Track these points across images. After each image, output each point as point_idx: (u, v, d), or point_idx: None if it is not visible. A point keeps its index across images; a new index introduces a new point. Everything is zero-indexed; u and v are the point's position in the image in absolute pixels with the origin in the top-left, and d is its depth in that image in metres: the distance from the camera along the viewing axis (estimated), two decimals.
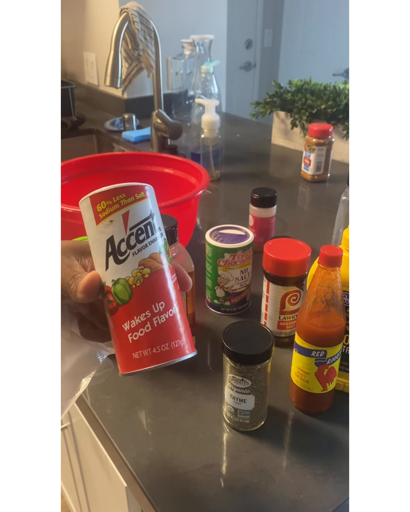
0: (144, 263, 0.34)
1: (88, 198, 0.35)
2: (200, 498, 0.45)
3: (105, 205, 0.34)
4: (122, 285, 0.34)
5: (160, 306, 0.34)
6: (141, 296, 0.34)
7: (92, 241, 0.35)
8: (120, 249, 0.34)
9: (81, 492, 1.02)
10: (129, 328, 0.34)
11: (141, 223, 0.34)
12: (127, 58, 1.27)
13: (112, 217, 0.34)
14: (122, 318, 0.34)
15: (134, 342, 0.34)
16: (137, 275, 0.34)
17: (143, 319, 0.34)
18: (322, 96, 1.26)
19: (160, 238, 0.35)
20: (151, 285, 0.34)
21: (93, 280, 0.35)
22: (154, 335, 0.34)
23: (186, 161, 0.88)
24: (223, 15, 1.80)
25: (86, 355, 0.41)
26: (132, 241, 0.34)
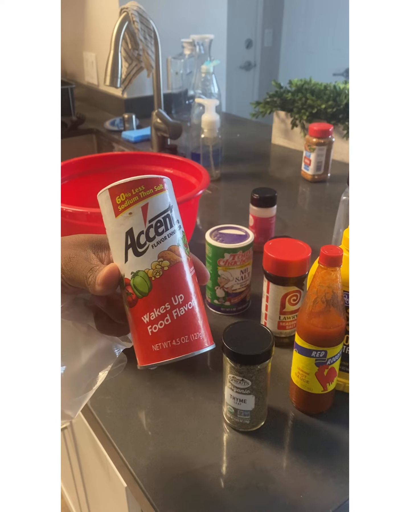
0: (164, 256, 0.34)
1: (107, 190, 0.35)
2: (200, 498, 0.45)
3: (125, 197, 0.34)
4: (141, 277, 0.34)
5: (180, 299, 0.34)
6: (161, 289, 0.34)
7: (111, 234, 0.35)
8: (139, 241, 0.34)
9: (81, 492, 1.02)
10: (149, 321, 0.34)
11: (160, 215, 0.34)
12: (127, 58, 1.27)
13: (132, 209, 0.34)
14: (141, 311, 0.34)
15: (154, 335, 0.34)
16: (157, 268, 0.34)
17: (163, 312, 0.34)
18: (322, 96, 1.26)
19: (178, 231, 0.35)
20: (171, 277, 0.34)
21: (113, 272, 0.34)
22: (174, 327, 0.34)
23: (186, 161, 0.88)
24: (223, 15, 1.80)
25: (103, 348, 0.40)
26: (152, 233, 0.34)
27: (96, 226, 0.71)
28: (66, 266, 0.36)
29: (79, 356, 0.39)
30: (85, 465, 0.86)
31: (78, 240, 0.38)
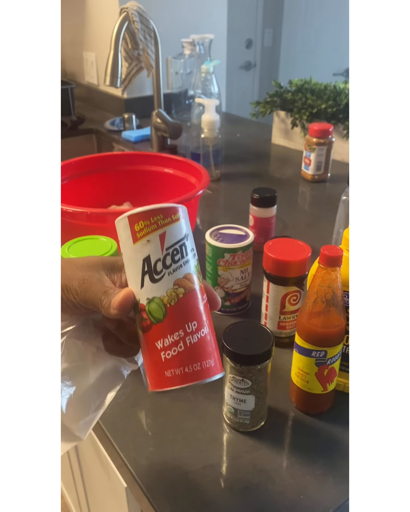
0: (179, 283, 0.35)
1: (126, 217, 0.35)
2: (200, 498, 0.45)
3: (143, 225, 0.35)
4: (157, 304, 0.34)
5: (193, 326, 0.35)
6: (176, 316, 0.34)
7: (128, 259, 0.36)
8: (156, 268, 0.34)
9: (81, 492, 1.02)
10: (163, 347, 0.34)
11: (177, 243, 0.35)
12: (127, 57, 1.27)
13: (150, 237, 0.35)
14: (156, 336, 0.35)
15: (167, 361, 0.34)
16: (172, 295, 0.34)
17: (177, 338, 0.34)
18: (322, 96, 1.26)
19: (193, 259, 0.36)
20: (185, 305, 0.35)
21: (128, 297, 0.35)
22: (187, 354, 0.34)
23: (186, 161, 0.88)
24: (223, 15, 1.80)
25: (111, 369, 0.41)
26: (168, 261, 0.35)
27: (96, 226, 0.71)
28: (80, 288, 0.36)
29: (87, 376, 0.39)
30: (85, 465, 0.86)
31: (92, 262, 0.38)
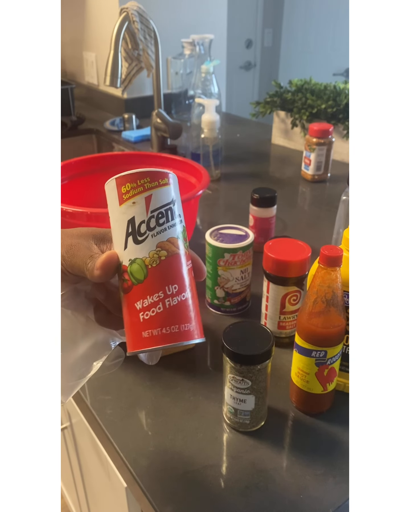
0: (162, 246, 0.35)
1: (114, 179, 0.36)
2: (200, 498, 0.45)
3: (130, 187, 0.35)
4: (138, 264, 0.35)
5: (174, 289, 0.35)
6: (156, 277, 0.35)
7: (113, 221, 0.36)
8: (140, 230, 0.35)
9: (81, 492, 1.02)
10: (142, 307, 0.35)
11: (162, 207, 0.35)
12: (127, 57, 1.27)
13: (135, 199, 0.35)
14: (135, 297, 0.35)
15: (145, 321, 0.35)
16: (154, 256, 0.35)
17: (156, 299, 0.35)
18: (322, 96, 1.26)
19: (179, 225, 0.36)
20: (167, 267, 0.35)
21: (111, 258, 0.36)
22: (166, 315, 0.35)
23: (187, 161, 0.88)
24: (223, 15, 1.80)
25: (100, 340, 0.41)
26: (152, 223, 0.35)
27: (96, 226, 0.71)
28: (67, 253, 0.37)
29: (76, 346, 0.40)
30: (85, 465, 0.86)
31: (82, 231, 0.39)
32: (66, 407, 0.80)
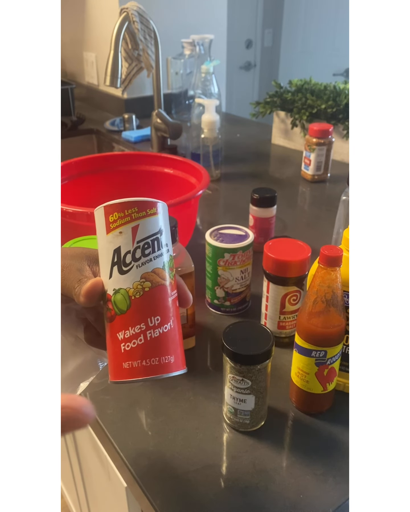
0: (146, 277, 0.35)
1: (102, 207, 0.36)
2: (200, 498, 0.45)
3: (117, 216, 0.35)
4: (122, 295, 0.35)
5: (156, 320, 0.35)
6: (139, 308, 0.35)
7: (100, 249, 0.36)
8: (125, 260, 0.35)
9: (81, 492, 1.02)
10: (123, 338, 0.35)
11: (149, 237, 0.35)
12: (127, 58, 1.27)
13: (122, 228, 0.35)
14: (118, 327, 0.35)
15: (126, 352, 0.35)
16: (138, 288, 0.35)
17: (138, 331, 0.35)
18: (322, 96, 1.26)
19: (166, 254, 0.36)
20: (150, 298, 0.35)
21: (96, 285, 0.35)
22: (146, 348, 0.35)
23: (187, 161, 0.88)
24: (223, 15, 1.80)
25: (88, 360, 0.41)
26: (138, 254, 0.35)
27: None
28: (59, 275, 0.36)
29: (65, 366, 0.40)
30: (85, 465, 0.86)
31: (76, 252, 0.39)
32: None
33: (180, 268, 0.56)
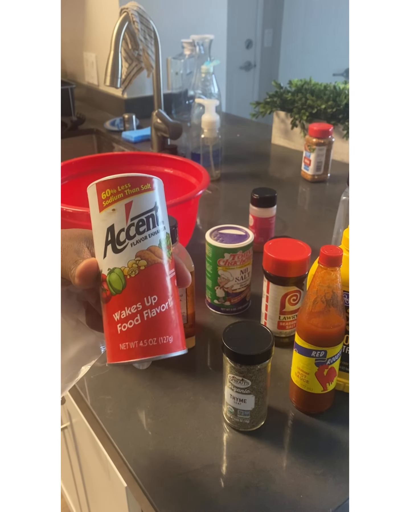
0: (142, 255, 0.34)
1: (94, 185, 0.35)
2: (200, 498, 0.45)
3: (110, 193, 0.34)
4: (117, 274, 0.34)
5: (153, 300, 0.34)
6: (135, 288, 0.34)
7: (94, 228, 0.35)
8: (119, 238, 0.34)
9: (81, 492, 1.02)
10: (119, 319, 0.34)
11: (143, 214, 0.34)
12: (127, 58, 1.27)
13: (115, 206, 0.34)
14: (113, 308, 0.34)
15: (123, 333, 0.34)
16: (133, 266, 0.34)
17: (134, 311, 0.34)
18: (322, 96, 1.26)
19: (162, 232, 0.35)
20: (146, 277, 0.34)
21: (90, 266, 0.35)
22: (143, 328, 0.34)
23: (187, 161, 0.88)
24: (223, 15, 1.80)
25: (90, 344, 0.41)
26: (132, 231, 0.34)
27: None
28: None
29: (66, 350, 0.39)
30: (85, 465, 0.86)
31: (75, 233, 0.38)
32: (66, 407, 0.80)
33: None
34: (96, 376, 0.59)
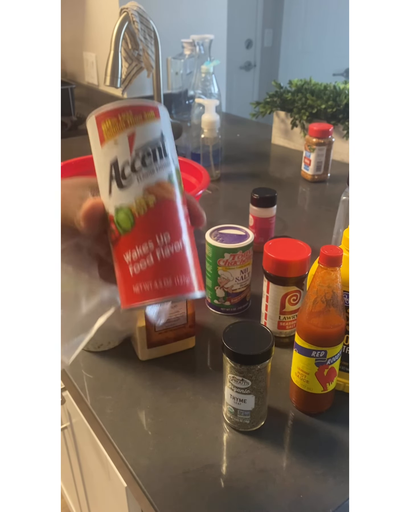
0: (150, 190, 0.31)
1: (93, 116, 0.32)
2: (200, 498, 0.45)
3: (111, 123, 0.31)
4: (124, 212, 0.31)
5: (165, 238, 0.31)
6: (145, 226, 0.31)
7: (97, 165, 0.33)
8: (124, 173, 0.31)
9: (81, 492, 1.02)
10: (131, 260, 0.31)
11: (148, 145, 0.31)
12: (127, 58, 1.27)
13: (117, 137, 0.31)
14: (124, 249, 0.32)
15: (135, 275, 0.31)
16: (141, 203, 0.31)
17: (146, 251, 0.31)
18: (322, 96, 1.26)
19: (171, 165, 0.32)
20: (156, 214, 0.31)
21: (95, 206, 0.32)
22: (157, 268, 0.31)
23: (187, 161, 0.88)
24: (223, 15, 1.80)
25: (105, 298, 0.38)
26: (138, 164, 0.31)
27: None
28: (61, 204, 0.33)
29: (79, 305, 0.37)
30: (85, 465, 0.86)
31: (78, 181, 0.36)
32: (66, 407, 0.80)
33: None
34: (96, 376, 0.59)
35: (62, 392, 0.69)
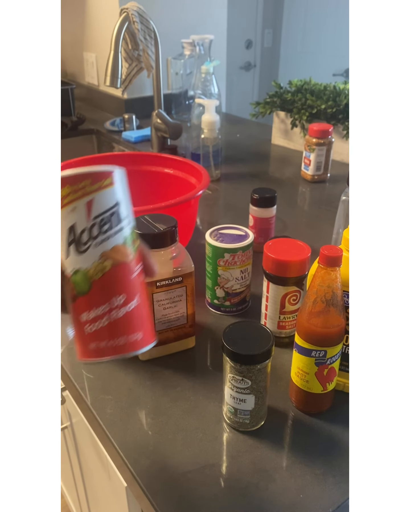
0: (106, 255, 0.33)
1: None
2: (200, 498, 0.45)
3: (70, 190, 0.32)
4: (82, 275, 0.33)
5: (120, 300, 0.33)
6: (101, 289, 0.33)
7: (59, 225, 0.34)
8: (81, 239, 0.32)
9: (81, 492, 1.02)
10: (87, 320, 0.33)
11: (105, 212, 0.33)
12: (127, 58, 1.27)
13: (75, 204, 0.32)
14: (80, 309, 0.33)
15: (91, 334, 0.33)
16: (98, 268, 0.33)
17: (101, 313, 0.33)
18: (322, 96, 1.26)
19: (126, 228, 0.34)
20: (112, 278, 0.33)
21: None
22: (112, 328, 0.33)
23: (186, 161, 0.88)
24: (223, 15, 1.80)
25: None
26: (95, 231, 0.32)
27: None
28: None
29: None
30: (85, 465, 0.86)
31: None
32: (66, 407, 0.80)
33: (180, 268, 0.56)
34: (96, 376, 0.59)
35: (62, 392, 0.69)
